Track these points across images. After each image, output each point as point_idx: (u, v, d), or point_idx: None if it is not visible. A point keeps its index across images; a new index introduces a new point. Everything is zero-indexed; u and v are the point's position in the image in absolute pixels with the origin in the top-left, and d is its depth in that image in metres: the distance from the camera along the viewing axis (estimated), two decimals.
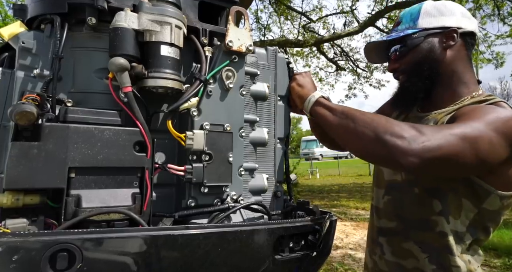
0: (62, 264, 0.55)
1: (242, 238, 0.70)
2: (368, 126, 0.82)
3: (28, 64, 0.73)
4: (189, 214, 0.77)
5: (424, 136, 0.78)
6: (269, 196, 0.97)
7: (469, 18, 1.05)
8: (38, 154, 0.61)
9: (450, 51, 1.02)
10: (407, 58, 1.05)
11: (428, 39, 1.03)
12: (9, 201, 0.61)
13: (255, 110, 0.95)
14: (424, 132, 0.79)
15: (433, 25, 1.03)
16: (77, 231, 0.57)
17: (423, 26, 1.03)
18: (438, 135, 0.78)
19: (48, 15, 0.73)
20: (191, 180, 0.76)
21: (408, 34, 1.03)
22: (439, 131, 0.80)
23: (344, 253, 4.17)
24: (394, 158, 0.77)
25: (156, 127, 0.80)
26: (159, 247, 0.62)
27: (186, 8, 0.84)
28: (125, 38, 0.71)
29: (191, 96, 0.77)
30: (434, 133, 0.79)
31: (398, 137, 0.78)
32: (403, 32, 1.04)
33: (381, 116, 0.86)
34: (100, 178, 0.67)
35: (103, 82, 0.74)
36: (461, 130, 0.80)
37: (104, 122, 0.70)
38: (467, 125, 0.82)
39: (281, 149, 1.01)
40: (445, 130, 0.81)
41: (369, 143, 0.81)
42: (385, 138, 0.78)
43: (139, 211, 0.68)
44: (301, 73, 1.06)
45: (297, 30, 9.95)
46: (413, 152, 0.76)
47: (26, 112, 0.60)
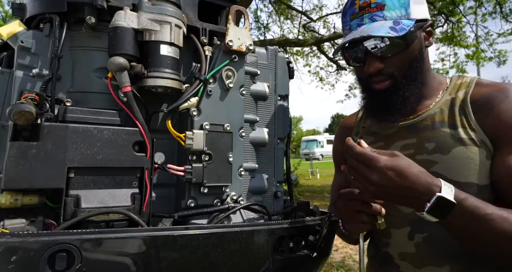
0: (61, 264, 0.54)
1: (242, 239, 0.69)
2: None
3: (27, 64, 0.72)
4: (189, 214, 0.77)
5: None
6: (269, 196, 0.96)
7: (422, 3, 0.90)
8: (37, 154, 0.61)
9: (427, 49, 0.93)
10: (398, 57, 0.86)
11: (418, 35, 0.88)
12: (7, 201, 0.60)
13: (255, 110, 0.94)
14: None
15: (422, 16, 0.87)
16: (76, 232, 0.57)
17: (415, 17, 0.85)
18: None
19: (47, 14, 0.73)
20: (191, 180, 0.76)
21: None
22: None
23: (344, 254, 4.17)
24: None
25: (156, 127, 0.80)
26: (159, 248, 0.61)
27: (186, 7, 0.83)
28: (125, 37, 0.71)
29: (191, 96, 0.77)
30: None
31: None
32: (403, 24, 0.82)
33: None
34: (99, 178, 0.67)
35: (103, 81, 0.74)
36: None
37: (104, 122, 0.70)
38: None
39: (281, 149, 1.01)
40: None
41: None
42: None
43: (138, 211, 0.68)
44: (392, 154, 0.73)
45: (297, 30, 9.94)
46: None
47: (24, 112, 0.60)
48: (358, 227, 0.85)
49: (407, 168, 0.70)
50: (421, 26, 0.88)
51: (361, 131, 1.05)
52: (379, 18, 0.85)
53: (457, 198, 0.69)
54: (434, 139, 0.87)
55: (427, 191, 0.69)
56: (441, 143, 0.86)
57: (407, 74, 0.87)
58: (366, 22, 0.86)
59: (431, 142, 0.87)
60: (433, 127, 0.89)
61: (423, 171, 0.71)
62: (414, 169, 0.71)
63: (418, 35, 0.88)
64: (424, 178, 0.70)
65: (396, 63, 0.87)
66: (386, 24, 0.82)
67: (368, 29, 0.83)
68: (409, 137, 0.92)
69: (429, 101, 0.93)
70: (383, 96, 0.90)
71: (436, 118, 0.89)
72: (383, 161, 0.70)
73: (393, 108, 0.89)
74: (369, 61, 0.88)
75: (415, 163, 0.73)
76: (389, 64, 0.87)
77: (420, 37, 0.88)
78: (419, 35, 0.88)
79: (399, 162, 0.71)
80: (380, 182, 0.71)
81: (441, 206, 0.69)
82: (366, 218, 0.84)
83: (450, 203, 0.68)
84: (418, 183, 0.70)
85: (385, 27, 0.81)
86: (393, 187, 0.71)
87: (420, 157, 0.87)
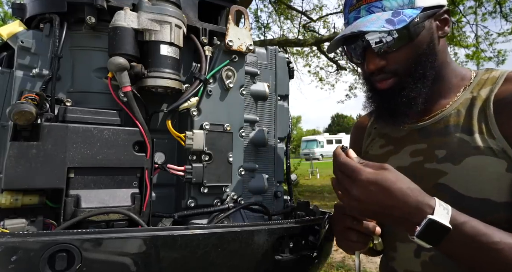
0: (61, 264, 0.54)
1: (242, 239, 0.69)
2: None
3: (27, 64, 0.72)
4: (189, 214, 0.77)
5: None
6: (269, 196, 0.96)
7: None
8: (37, 154, 0.61)
9: (442, 40, 0.81)
10: (402, 52, 0.76)
11: (427, 25, 0.76)
12: (8, 201, 0.60)
13: (255, 110, 0.94)
14: None
15: (432, 2, 0.76)
16: (76, 232, 0.57)
17: (421, 5, 0.75)
18: None
19: (47, 14, 0.73)
20: (191, 180, 0.76)
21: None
22: None
23: (344, 254, 4.17)
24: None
25: (156, 127, 0.80)
26: (159, 248, 0.61)
27: (186, 7, 0.83)
28: (125, 37, 0.71)
29: (191, 96, 0.77)
30: None
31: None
32: (404, 15, 0.73)
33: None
34: (100, 178, 0.67)
35: (103, 81, 0.74)
36: None
37: (104, 122, 0.70)
38: None
39: (281, 149, 1.01)
40: None
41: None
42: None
43: (138, 211, 0.68)
44: (380, 167, 0.64)
45: (297, 30, 9.94)
46: None
47: (25, 112, 0.60)
48: (349, 246, 0.77)
49: (393, 184, 0.60)
50: (431, 15, 0.77)
51: (373, 132, 0.97)
52: (377, 9, 0.76)
53: (454, 222, 0.59)
54: (445, 145, 0.76)
55: (416, 212, 0.59)
56: (453, 150, 0.75)
57: (413, 71, 0.77)
58: (362, 15, 0.78)
59: (442, 149, 0.77)
60: (446, 131, 0.78)
61: (414, 188, 0.62)
62: (403, 185, 0.61)
63: (427, 25, 0.76)
64: (414, 196, 0.60)
65: (399, 59, 0.77)
66: (383, 16, 0.73)
67: (361, 23, 0.75)
68: (419, 141, 0.82)
69: (446, 100, 0.81)
70: (385, 96, 0.81)
71: (450, 120, 0.78)
72: (366, 174, 0.62)
73: (397, 110, 0.79)
74: (369, 58, 0.79)
75: (406, 179, 0.63)
76: (391, 60, 0.77)
77: (430, 27, 0.77)
78: (428, 25, 0.76)
79: (384, 176, 0.61)
80: (361, 197, 0.62)
81: (434, 230, 0.58)
82: (356, 236, 0.75)
83: (444, 227, 0.58)
84: (406, 202, 0.60)
85: (380, 20, 0.73)
86: (376, 204, 0.61)
87: (429, 166, 0.78)
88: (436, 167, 0.76)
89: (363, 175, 0.62)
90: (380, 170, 0.63)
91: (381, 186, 0.61)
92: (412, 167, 0.81)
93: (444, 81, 0.82)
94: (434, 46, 0.78)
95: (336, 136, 31.96)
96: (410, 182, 0.63)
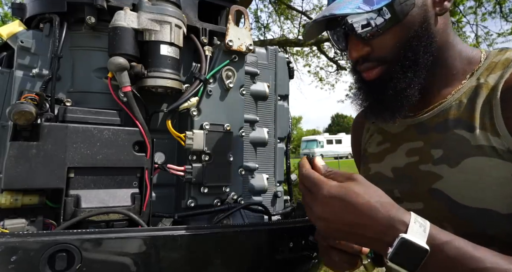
0: (61, 264, 0.54)
1: (242, 239, 0.69)
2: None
3: (27, 64, 0.72)
4: (189, 214, 0.77)
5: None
6: (269, 196, 0.96)
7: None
8: (37, 154, 0.61)
9: (442, 17, 0.69)
10: (389, 36, 0.66)
11: (418, 1, 0.66)
12: (7, 202, 0.60)
13: (255, 110, 0.94)
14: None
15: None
16: (76, 232, 0.57)
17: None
18: None
19: (47, 14, 0.73)
20: (191, 180, 0.76)
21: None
22: None
23: None
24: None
25: (156, 127, 0.80)
26: (159, 248, 0.61)
27: (186, 7, 0.83)
28: (125, 37, 0.71)
29: (191, 96, 0.77)
30: None
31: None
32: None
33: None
34: (99, 178, 0.67)
35: (103, 81, 0.74)
36: None
37: (104, 121, 0.70)
38: None
39: (281, 149, 1.01)
40: None
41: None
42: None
43: (138, 211, 0.68)
44: (348, 177, 0.55)
45: (297, 30, 9.94)
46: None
47: (24, 112, 0.59)
48: (333, 265, 0.68)
49: (359, 197, 0.51)
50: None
51: (371, 128, 0.89)
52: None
53: (434, 242, 0.48)
54: (442, 143, 0.67)
55: (388, 230, 0.49)
56: (450, 150, 0.65)
57: (402, 57, 0.66)
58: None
59: (439, 147, 0.67)
60: (445, 127, 0.68)
61: (385, 202, 0.52)
62: (371, 199, 0.51)
63: (419, 1, 0.65)
64: (385, 211, 0.50)
65: (385, 44, 0.66)
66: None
67: (336, 5, 0.66)
68: (416, 138, 0.73)
69: (448, 90, 0.70)
70: (372, 88, 0.71)
71: (450, 114, 0.68)
72: (328, 188, 0.53)
73: (386, 104, 0.70)
74: (351, 44, 0.69)
75: (377, 191, 0.53)
76: (377, 46, 0.67)
77: (423, 3, 0.66)
78: (420, 2, 0.65)
79: (349, 189, 0.52)
80: (324, 215, 0.53)
81: (408, 252, 0.48)
82: (338, 257, 0.65)
83: (420, 249, 0.48)
84: (375, 218, 0.50)
85: (355, 1, 0.63)
86: (341, 223, 0.52)
87: (424, 168, 0.69)
88: (431, 169, 0.68)
89: (325, 190, 0.53)
90: (345, 182, 0.54)
91: (345, 201, 0.51)
92: (407, 168, 0.74)
93: (447, 66, 0.70)
94: (429, 26, 0.66)
95: (336, 136, 31.98)
96: (381, 194, 0.53)
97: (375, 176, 0.83)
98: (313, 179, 0.56)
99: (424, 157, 0.70)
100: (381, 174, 0.81)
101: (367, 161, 0.89)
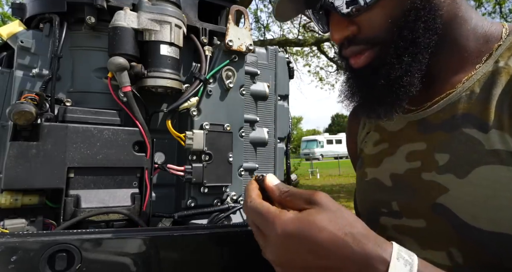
0: (61, 264, 0.54)
1: (243, 239, 0.69)
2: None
3: (26, 64, 0.72)
4: (189, 214, 0.77)
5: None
6: None
7: None
8: (36, 154, 0.61)
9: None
10: (378, 11, 0.53)
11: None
12: (7, 202, 0.60)
13: (255, 110, 0.94)
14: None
15: None
16: (76, 232, 0.57)
17: None
18: None
19: (47, 14, 0.73)
20: (191, 180, 0.76)
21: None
22: None
23: None
24: None
25: (156, 127, 0.80)
26: (159, 248, 0.61)
27: (186, 7, 0.83)
28: (125, 37, 0.71)
29: (190, 96, 0.77)
30: None
31: None
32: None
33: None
34: (99, 178, 0.67)
35: (102, 81, 0.74)
36: None
37: (103, 121, 0.70)
38: None
39: (281, 149, 1.01)
40: None
41: None
42: None
43: (138, 211, 0.68)
44: (310, 200, 0.42)
45: (297, 30, 9.94)
46: None
47: (24, 112, 0.59)
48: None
49: (323, 232, 0.38)
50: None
51: (367, 124, 0.78)
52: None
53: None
54: (448, 146, 0.54)
55: (365, 270, 0.38)
56: (458, 155, 0.53)
57: (396, 37, 0.53)
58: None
59: (445, 152, 0.55)
60: (452, 125, 0.55)
61: (358, 234, 0.38)
62: (339, 232, 0.38)
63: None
64: (359, 247, 0.38)
65: (374, 21, 0.53)
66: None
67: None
68: (417, 139, 0.61)
69: (459, 76, 0.57)
70: (361, 77, 0.59)
71: (459, 108, 0.55)
72: (281, 225, 0.39)
73: (377, 98, 0.57)
74: (333, 24, 0.57)
75: (346, 217, 0.40)
76: (364, 24, 0.54)
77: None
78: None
79: (309, 221, 0.39)
80: (279, 260, 0.41)
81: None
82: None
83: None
84: (344, 258, 0.38)
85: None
86: (301, 268, 0.39)
87: (427, 177, 0.57)
88: (435, 179, 0.56)
89: (278, 228, 0.40)
90: (305, 212, 0.40)
91: (305, 240, 0.38)
92: (408, 176, 0.62)
93: (457, 47, 0.56)
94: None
95: (336, 136, 32.00)
96: (353, 222, 0.39)
97: (372, 183, 0.71)
98: (262, 214, 0.43)
99: (427, 163, 0.58)
100: (378, 181, 0.69)
101: (363, 165, 0.78)
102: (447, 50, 0.56)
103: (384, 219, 0.66)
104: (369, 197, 0.71)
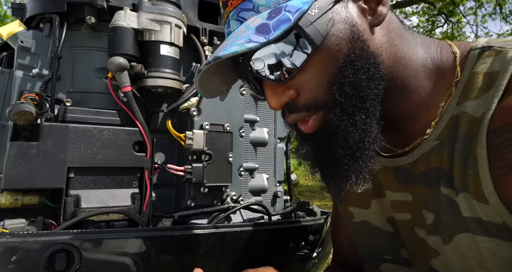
0: (61, 264, 0.54)
1: (242, 239, 0.69)
2: None
3: (27, 64, 0.72)
4: (189, 214, 0.77)
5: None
6: (269, 196, 0.96)
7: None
8: (37, 154, 0.61)
9: (382, 27, 0.49)
10: (311, 72, 0.46)
11: (338, 15, 0.46)
12: (8, 202, 0.60)
13: (255, 110, 0.94)
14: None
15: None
16: (76, 232, 0.57)
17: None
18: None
19: (47, 14, 0.73)
20: (191, 180, 0.76)
21: (296, 20, 0.42)
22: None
23: None
24: None
25: (156, 127, 0.80)
26: (159, 248, 0.61)
27: (186, 7, 0.83)
28: (125, 37, 0.71)
29: (191, 96, 0.77)
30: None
31: None
32: (287, 10, 0.43)
33: None
34: (99, 178, 0.67)
35: (103, 81, 0.74)
36: None
37: (104, 121, 0.70)
38: None
39: (281, 149, 1.01)
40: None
41: None
42: None
43: (138, 211, 0.68)
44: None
45: None
46: None
47: (24, 112, 0.59)
48: None
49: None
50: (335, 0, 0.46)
51: None
52: (248, 13, 0.47)
53: None
54: (432, 205, 0.50)
55: None
56: (442, 218, 0.49)
57: (338, 96, 0.46)
58: (233, 28, 0.49)
59: (429, 210, 0.51)
60: (430, 180, 0.50)
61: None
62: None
63: (339, 14, 0.46)
64: None
65: (309, 83, 0.47)
66: (255, 23, 0.45)
67: (224, 44, 0.47)
68: (399, 189, 0.55)
69: (427, 118, 0.52)
70: (316, 146, 0.51)
71: (432, 161, 0.50)
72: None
73: (342, 168, 0.48)
74: (267, 91, 0.50)
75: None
76: (301, 87, 0.48)
77: (346, 16, 0.46)
78: (341, 15, 0.46)
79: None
80: None
81: None
82: None
83: None
84: None
85: (249, 31, 0.44)
86: None
87: (420, 234, 0.53)
88: (426, 238, 0.52)
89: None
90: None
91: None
92: (404, 226, 0.57)
93: (411, 88, 0.51)
94: (364, 44, 0.46)
95: None
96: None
97: (364, 226, 0.64)
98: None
99: (417, 218, 0.54)
100: (372, 225, 0.62)
101: (345, 200, 0.68)
102: (400, 94, 0.51)
103: (387, 266, 0.61)
104: (366, 240, 0.64)
